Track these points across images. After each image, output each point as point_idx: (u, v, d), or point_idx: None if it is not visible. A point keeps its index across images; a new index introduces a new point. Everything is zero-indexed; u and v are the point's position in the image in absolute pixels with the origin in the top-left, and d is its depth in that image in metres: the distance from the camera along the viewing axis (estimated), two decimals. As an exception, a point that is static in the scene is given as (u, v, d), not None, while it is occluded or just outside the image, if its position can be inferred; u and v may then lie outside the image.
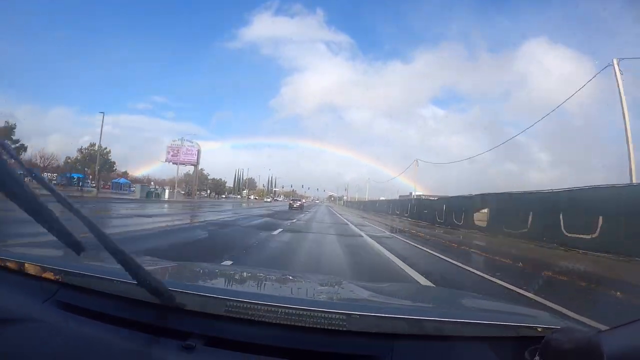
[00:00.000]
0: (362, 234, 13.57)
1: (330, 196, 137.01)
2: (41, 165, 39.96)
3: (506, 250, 10.42)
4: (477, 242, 12.96)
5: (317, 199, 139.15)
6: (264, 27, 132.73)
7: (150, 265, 1.77)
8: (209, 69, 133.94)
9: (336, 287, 1.68)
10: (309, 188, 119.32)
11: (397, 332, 0.91)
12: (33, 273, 1.16)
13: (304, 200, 60.88)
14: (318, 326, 0.92)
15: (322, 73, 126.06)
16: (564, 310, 3.85)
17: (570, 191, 11.84)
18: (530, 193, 14.19)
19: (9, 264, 1.19)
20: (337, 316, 0.93)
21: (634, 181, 13.32)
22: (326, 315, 0.93)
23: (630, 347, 0.79)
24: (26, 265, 1.18)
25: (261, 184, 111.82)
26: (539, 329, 0.92)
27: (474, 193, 19.16)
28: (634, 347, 0.79)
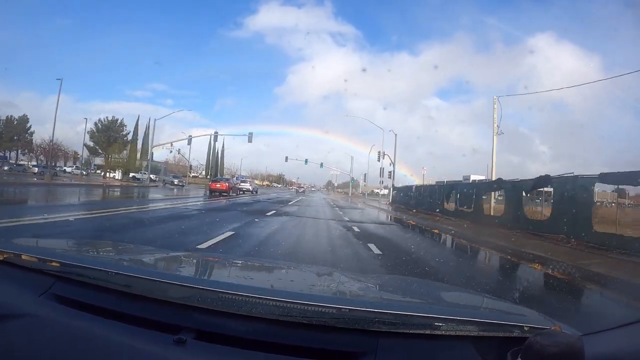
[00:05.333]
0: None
1: (330, 182, 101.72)
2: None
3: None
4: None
5: (313, 186, 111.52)
6: (270, 16, 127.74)
7: (145, 254, 1.78)
8: (212, 57, 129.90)
9: (326, 278, 1.69)
10: (286, 158, 75.15)
11: (381, 329, 0.91)
12: (28, 266, 1.13)
13: (299, 188, 59.64)
14: (305, 321, 0.92)
15: (328, 64, 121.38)
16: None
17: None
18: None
19: (3, 256, 1.16)
20: (325, 310, 0.94)
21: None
22: (314, 310, 0.94)
23: (613, 352, 0.79)
24: (23, 257, 1.15)
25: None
26: (526, 329, 0.92)
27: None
28: (616, 352, 0.79)
